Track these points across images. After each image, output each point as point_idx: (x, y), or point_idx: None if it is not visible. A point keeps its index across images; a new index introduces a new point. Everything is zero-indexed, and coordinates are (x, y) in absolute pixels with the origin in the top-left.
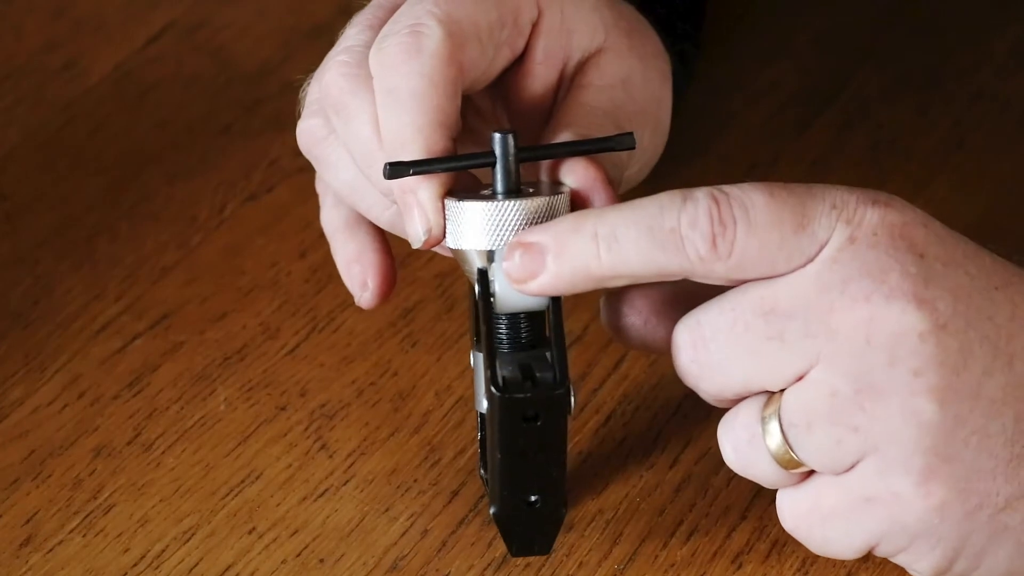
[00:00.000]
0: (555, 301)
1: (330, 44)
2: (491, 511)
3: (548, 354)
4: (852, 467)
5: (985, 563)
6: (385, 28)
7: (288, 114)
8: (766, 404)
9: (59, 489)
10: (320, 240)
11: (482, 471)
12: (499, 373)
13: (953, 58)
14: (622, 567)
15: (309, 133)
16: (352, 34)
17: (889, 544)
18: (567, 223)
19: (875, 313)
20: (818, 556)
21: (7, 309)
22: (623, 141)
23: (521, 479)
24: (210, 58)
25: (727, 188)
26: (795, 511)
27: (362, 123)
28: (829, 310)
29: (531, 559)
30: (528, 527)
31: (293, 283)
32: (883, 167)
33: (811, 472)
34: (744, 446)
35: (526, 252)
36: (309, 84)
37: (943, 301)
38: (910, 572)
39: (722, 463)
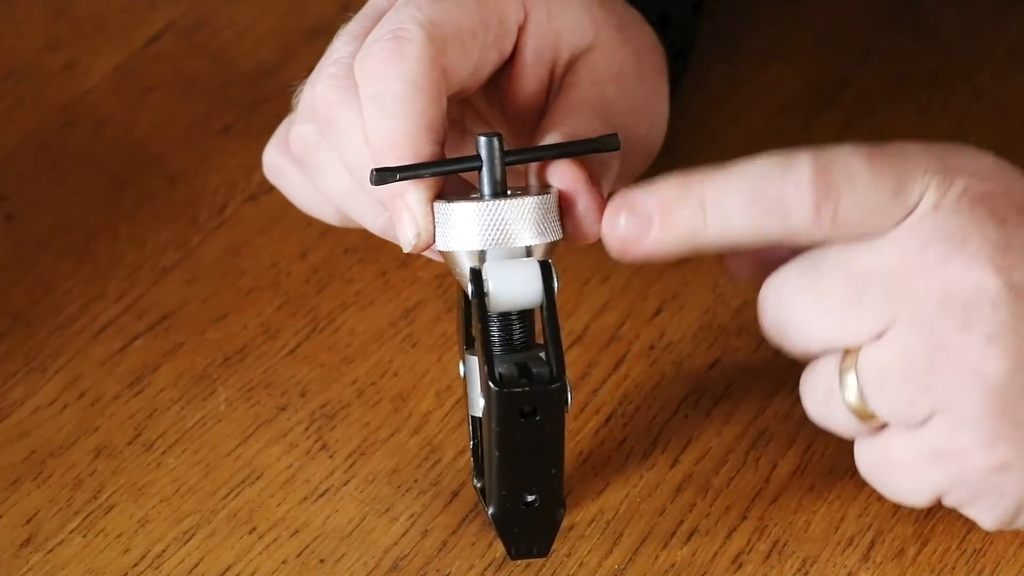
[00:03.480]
0: (549, 297)
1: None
2: (489, 511)
3: (543, 353)
4: (924, 422)
5: None
6: (370, 36)
7: (288, 115)
8: (844, 358)
9: (60, 489)
10: (320, 240)
11: (475, 481)
12: (496, 370)
13: (953, 58)
14: (622, 567)
15: (300, 139)
16: (339, 46)
17: (954, 497)
18: (673, 189)
19: (952, 277)
20: (818, 556)
21: (7, 309)
22: (608, 142)
23: (518, 478)
24: (210, 58)
25: (829, 152)
26: (869, 459)
27: (353, 133)
28: (907, 273)
29: (531, 559)
30: (526, 528)
31: (293, 283)
32: None
33: (886, 424)
34: (823, 398)
35: (631, 216)
36: (301, 90)
37: (1020, 270)
38: (976, 522)
39: (722, 463)
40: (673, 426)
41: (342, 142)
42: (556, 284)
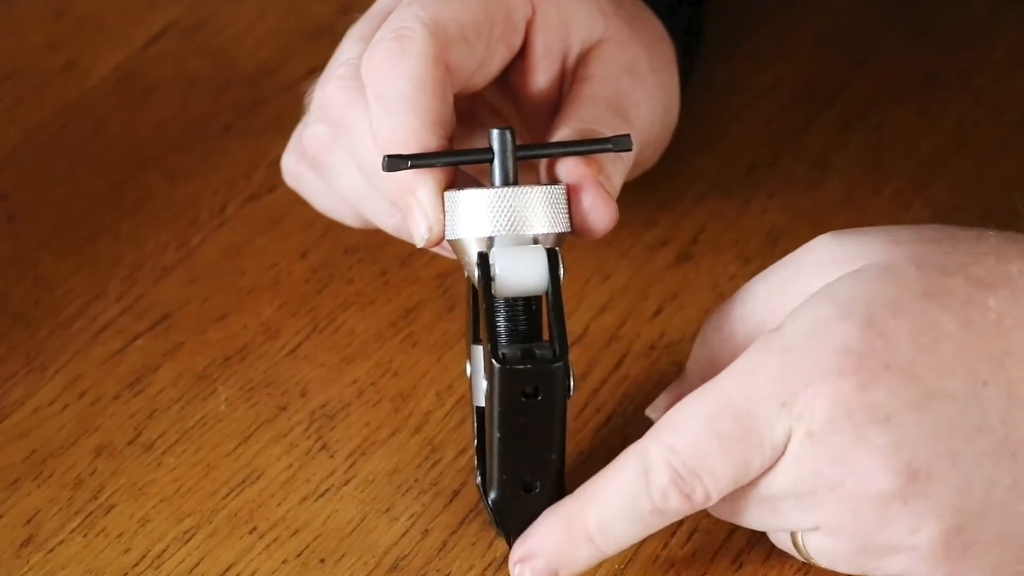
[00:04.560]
0: (555, 283)
1: (330, 44)
2: (490, 498)
3: (547, 341)
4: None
5: None
6: (375, 36)
7: (288, 115)
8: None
9: (60, 489)
10: (320, 240)
11: (478, 481)
12: (500, 351)
13: (953, 58)
14: (622, 567)
15: (314, 140)
16: (347, 47)
17: None
18: (559, 536)
19: (853, 494)
20: None
21: (8, 309)
22: (620, 142)
23: (519, 461)
24: (210, 58)
25: (675, 444)
26: None
27: (363, 133)
28: (811, 494)
29: None
30: (527, 518)
31: (293, 283)
32: (883, 167)
33: None
34: (784, 545)
35: (535, 571)
36: (312, 91)
37: (920, 456)
38: None
39: None
40: None
41: (353, 142)
42: (562, 272)
